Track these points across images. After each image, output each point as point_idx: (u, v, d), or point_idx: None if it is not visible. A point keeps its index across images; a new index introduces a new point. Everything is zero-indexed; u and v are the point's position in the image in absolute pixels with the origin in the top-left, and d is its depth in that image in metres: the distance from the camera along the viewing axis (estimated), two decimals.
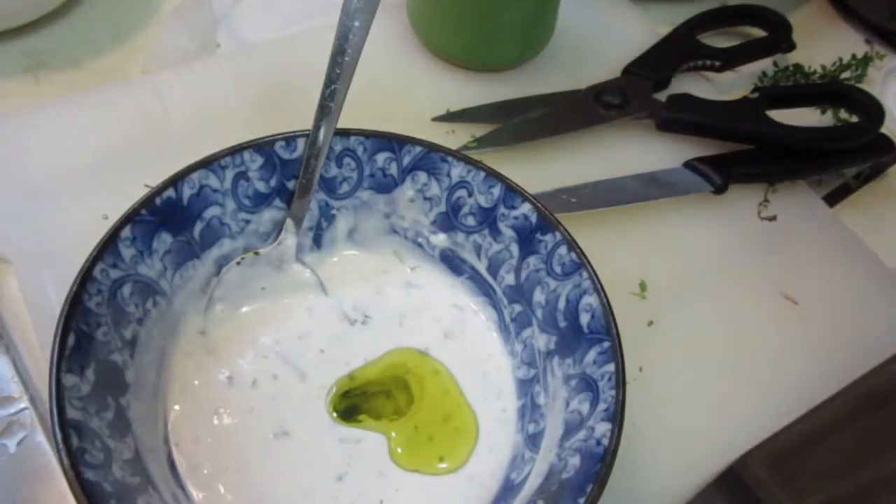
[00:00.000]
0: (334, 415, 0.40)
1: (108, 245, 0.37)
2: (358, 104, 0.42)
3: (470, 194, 0.43)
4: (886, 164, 0.58)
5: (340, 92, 0.40)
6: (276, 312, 0.43)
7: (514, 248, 0.42)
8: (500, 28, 0.55)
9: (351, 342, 0.43)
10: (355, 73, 0.41)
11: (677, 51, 0.59)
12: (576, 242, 0.40)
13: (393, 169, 0.43)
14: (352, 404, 0.41)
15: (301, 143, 0.42)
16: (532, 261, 0.41)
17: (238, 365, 0.41)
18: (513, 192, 0.42)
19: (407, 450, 0.39)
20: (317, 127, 0.41)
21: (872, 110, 0.53)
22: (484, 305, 0.44)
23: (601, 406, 0.36)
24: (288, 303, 0.44)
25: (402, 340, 0.43)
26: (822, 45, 0.65)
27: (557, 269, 0.40)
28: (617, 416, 0.34)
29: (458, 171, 0.43)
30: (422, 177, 0.43)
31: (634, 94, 0.56)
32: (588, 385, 0.37)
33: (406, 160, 0.43)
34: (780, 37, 0.60)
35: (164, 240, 0.40)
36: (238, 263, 0.43)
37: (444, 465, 0.39)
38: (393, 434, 0.40)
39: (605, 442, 0.34)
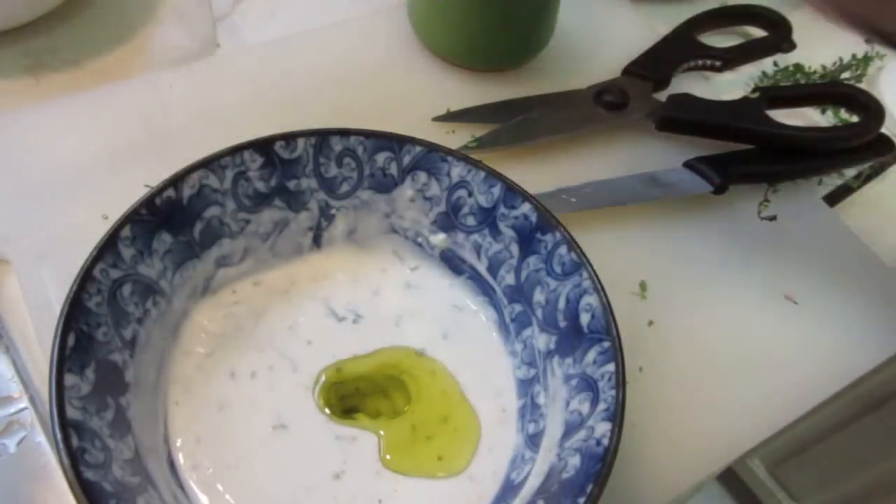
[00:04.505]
0: (327, 411, 0.40)
1: (108, 245, 0.37)
2: (358, 104, 0.42)
3: (470, 194, 0.43)
4: (886, 164, 0.58)
5: None
6: (276, 311, 0.43)
7: (514, 248, 0.42)
8: (500, 28, 0.55)
9: (348, 340, 0.43)
10: (356, 73, 0.41)
11: (677, 51, 0.59)
12: (576, 242, 0.40)
13: (393, 169, 0.43)
14: (350, 405, 0.41)
15: (301, 142, 0.42)
16: (532, 261, 0.41)
17: (238, 364, 0.41)
18: (513, 191, 0.42)
19: (401, 451, 0.39)
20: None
21: (872, 110, 0.53)
22: (484, 305, 0.44)
23: (601, 406, 0.36)
24: (288, 301, 0.44)
25: (400, 340, 0.43)
26: (822, 45, 0.65)
27: (557, 269, 0.40)
28: (617, 416, 0.34)
29: (458, 170, 0.43)
30: (422, 176, 0.43)
31: (634, 94, 0.56)
32: (588, 385, 0.37)
33: (406, 160, 0.43)
34: (780, 37, 0.60)
35: (164, 240, 0.40)
36: (239, 262, 0.43)
37: (444, 468, 0.39)
38: (382, 433, 0.40)
39: (605, 442, 0.34)
